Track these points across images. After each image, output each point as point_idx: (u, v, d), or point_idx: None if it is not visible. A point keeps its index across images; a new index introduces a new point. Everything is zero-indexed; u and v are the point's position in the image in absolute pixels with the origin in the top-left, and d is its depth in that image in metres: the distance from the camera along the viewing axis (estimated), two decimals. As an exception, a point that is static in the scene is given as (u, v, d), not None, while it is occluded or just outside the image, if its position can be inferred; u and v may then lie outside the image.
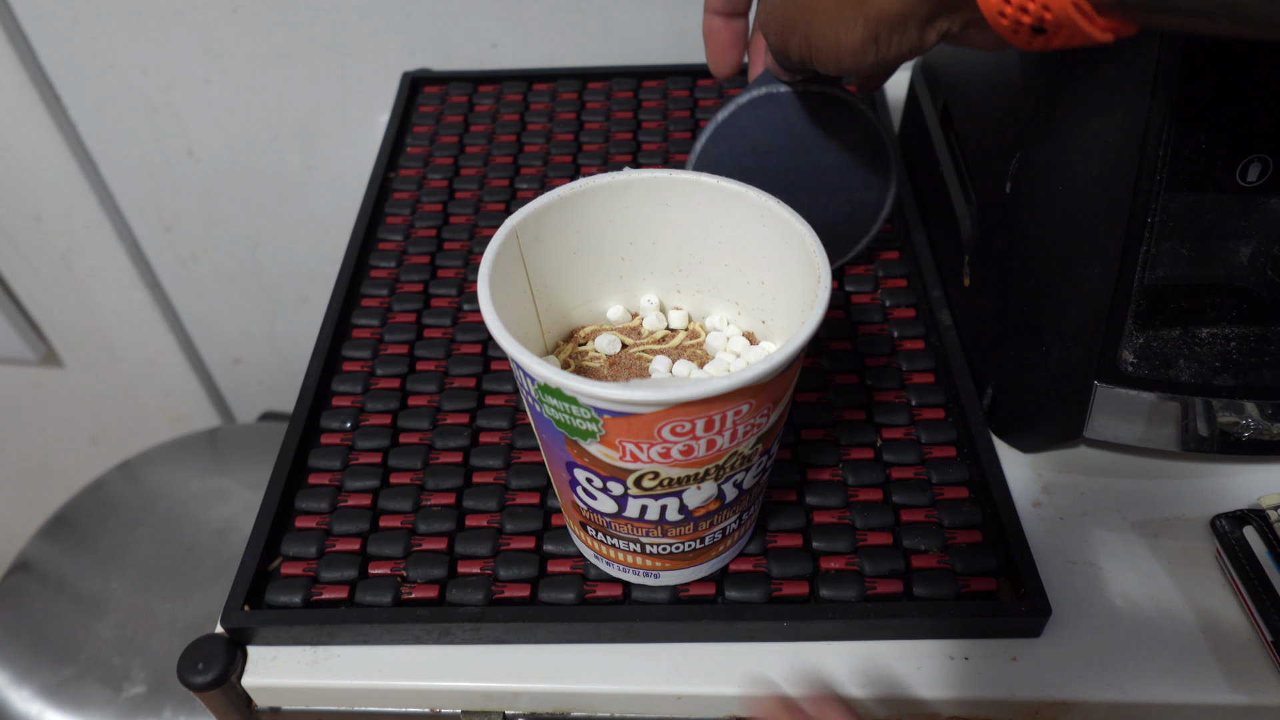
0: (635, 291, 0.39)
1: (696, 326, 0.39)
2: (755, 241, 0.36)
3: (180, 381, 1.12)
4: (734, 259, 0.37)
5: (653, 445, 0.30)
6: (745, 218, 0.35)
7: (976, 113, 0.48)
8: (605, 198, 0.36)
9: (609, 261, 0.38)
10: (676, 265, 0.38)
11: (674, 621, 0.40)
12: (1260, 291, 0.40)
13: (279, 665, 0.42)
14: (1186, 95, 0.36)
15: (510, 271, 0.35)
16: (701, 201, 0.36)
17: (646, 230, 0.37)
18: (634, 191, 0.36)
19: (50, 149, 0.88)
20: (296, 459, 0.46)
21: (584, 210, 0.36)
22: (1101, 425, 0.44)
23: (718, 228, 0.36)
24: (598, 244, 0.37)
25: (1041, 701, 0.39)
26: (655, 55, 0.80)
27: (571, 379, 0.29)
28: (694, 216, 0.36)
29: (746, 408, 0.30)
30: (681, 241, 0.37)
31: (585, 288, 0.38)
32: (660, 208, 0.36)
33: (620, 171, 0.36)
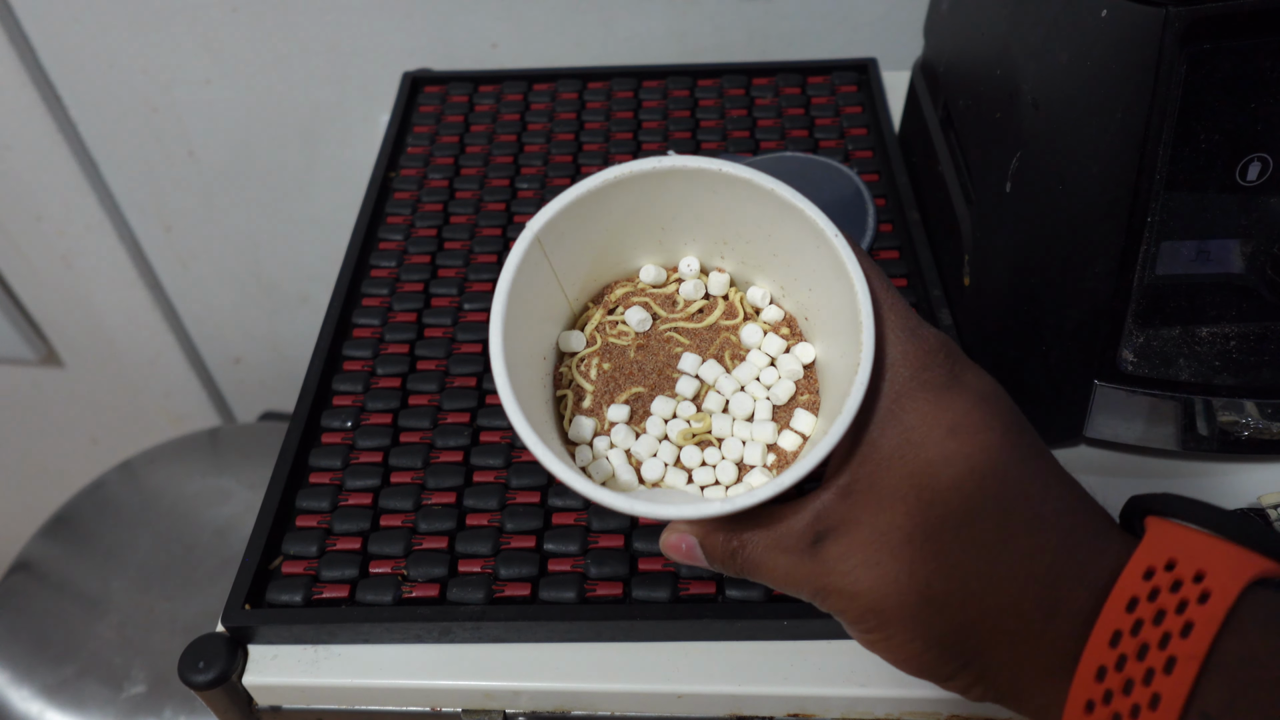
0: (675, 253, 0.36)
1: (736, 300, 0.35)
2: (807, 259, 0.32)
3: (180, 381, 1.12)
4: (781, 255, 0.34)
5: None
6: (799, 234, 0.32)
7: (976, 113, 0.48)
8: (643, 187, 0.33)
9: (647, 237, 0.35)
10: (722, 238, 0.35)
11: (674, 621, 0.40)
12: (1260, 291, 0.40)
13: (280, 664, 0.42)
14: (1186, 95, 0.36)
15: (533, 275, 0.33)
16: (752, 199, 0.32)
17: (689, 209, 0.34)
18: (674, 180, 0.33)
19: (50, 149, 0.88)
20: (297, 458, 0.47)
21: (618, 199, 0.33)
22: (1101, 424, 0.44)
23: (768, 228, 0.33)
24: (632, 229, 0.35)
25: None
26: (655, 55, 0.80)
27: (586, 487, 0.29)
28: (744, 211, 0.33)
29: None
30: (728, 223, 0.34)
31: (618, 255, 0.36)
32: (705, 194, 0.33)
33: (660, 160, 0.32)
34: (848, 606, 0.28)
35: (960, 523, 0.27)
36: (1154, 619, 0.25)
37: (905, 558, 0.27)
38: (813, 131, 0.61)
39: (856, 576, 0.28)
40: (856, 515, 0.28)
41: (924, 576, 0.27)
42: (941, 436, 0.27)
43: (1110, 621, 0.25)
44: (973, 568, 0.27)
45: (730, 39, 0.79)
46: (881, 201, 0.56)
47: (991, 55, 0.45)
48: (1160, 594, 0.25)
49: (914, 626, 0.27)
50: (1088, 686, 0.25)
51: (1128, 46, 0.36)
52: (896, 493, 0.27)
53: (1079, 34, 0.38)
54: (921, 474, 0.27)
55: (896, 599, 0.27)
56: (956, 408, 0.28)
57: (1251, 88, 0.36)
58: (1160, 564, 0.25)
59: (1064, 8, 0.39)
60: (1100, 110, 0.38)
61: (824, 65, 0.65)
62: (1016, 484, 0.27)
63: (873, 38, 0.78)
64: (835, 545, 0.28)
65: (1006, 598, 0.26)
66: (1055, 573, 0.26)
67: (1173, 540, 0.26)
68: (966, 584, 0.27)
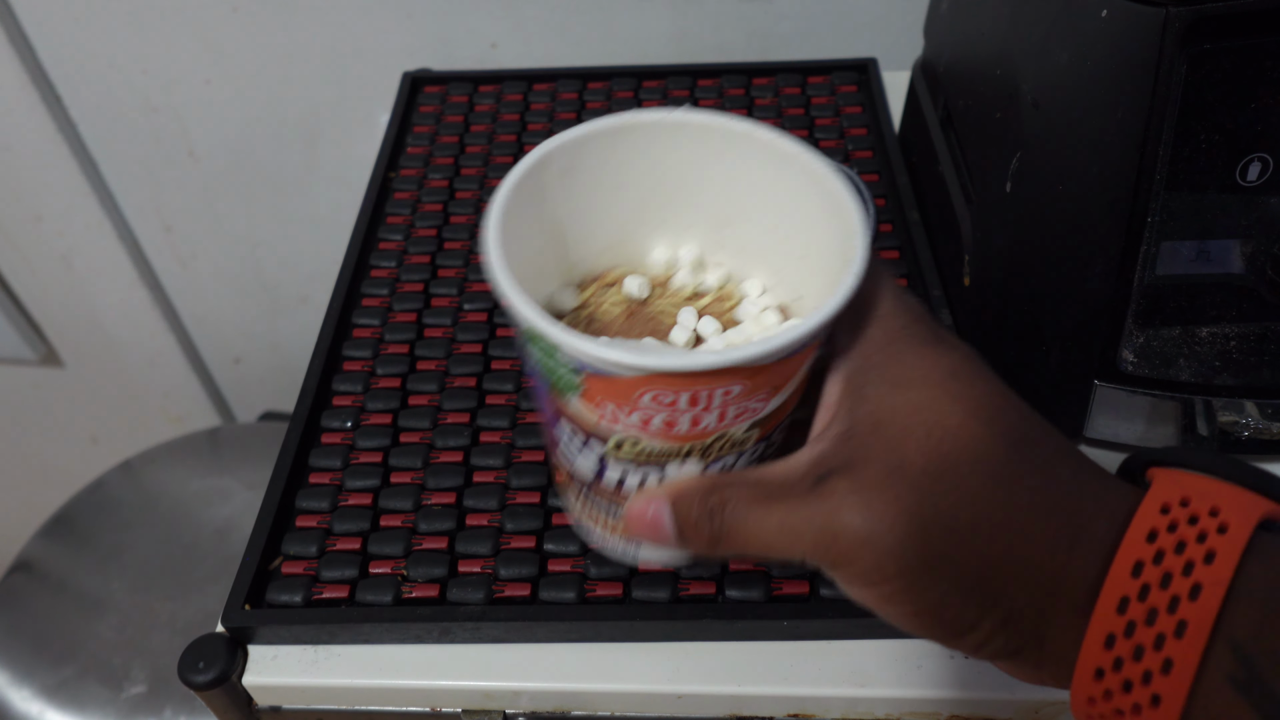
0: (676, 242, 0.36)
1: (730, 288, 0.36)
2: (801, 209, 0.32)
3: (180, 381, 1.12)
4: (780, 224, 0.34)
5: (632, 410, 0.28)
6: (795, 183, 0.32)
7: (976, 113, 0.48)
8: (655, 136, 0.33)
9: (650, 207, 0.35)
10: (719, 222, 0.35)
11: (674, 621, 0.40)
12: (1260, 291, 0.40)
13: (280, 664, 0.42)
14: (1186, 95, 0.36)
15: (530, 206, 0.32)
16: (754, 156, 0.32)
17: (694, 178, 0.34)
18: (684, 135, 0.33)
19: (50, 149, 0.88)
20: (297, 458, 0.47)
21: (629, 145, 0.33)
22: (1101, 425, 0.44)
23: (766, 187, 0.33)
24: (638, 184, 0.34)
25: (1042, 701, 0.39)
26: (655, 55, 0.80)
27: (553, 327, 0.27)
28: (746, 171, 0.33)
29: (738, 389, 0.28)
30: (729, 196, 0.34)
31: (623, 227, 0.35)
32: (711, 157, 0.33)
33: (673, 110, 0.32)
34: (861, 552, 0.25)
35: (975, 457, 0.26)
36: (1175, 548, 0.24)
37: (923, 491, 0.25)
38: (813, 131, 0.61)
39: (873, 513, 0.25)
40: (862, 454, 0.26)
41: (945, 510, 0.25)
42: (944, 378, 0.27)
43: (1131, 551, 0.24)
44: (993, 500, 0.25)
45: (730, 39, 0.79)
46: (881, 201, 0.56)
47: (991, 55, 0.45)
48: (1179, 525, 0.24)
49: (938, 568, 0.25)
50: (1109, 619, 0.24)
51: (1128, 46, 0.36)
52: (905, 429, 0.26)
53: (1079, 34, 0.38)
54: (928, 411, 0.26)
55: (918, 537, 0.25)
56: (951, 357, 0.27)
57: (1251, 88, 0.36)
58: (1175, 500, 0.25)
59: (1064, 8, 0.39)
60: (1100, 110, 0.38)
61: (824, 65, 0.65)
62: (1019, 429, 0.27)
63: (873, 38, 0.78)
64: (843, 482, 0.26)
65: (1029, 530, 0.25)
66: (1074, 503, 0.26)
67: (1182, 482, 0.26)
68: (989, 516, 0.25)
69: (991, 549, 0.25)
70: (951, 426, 0.26)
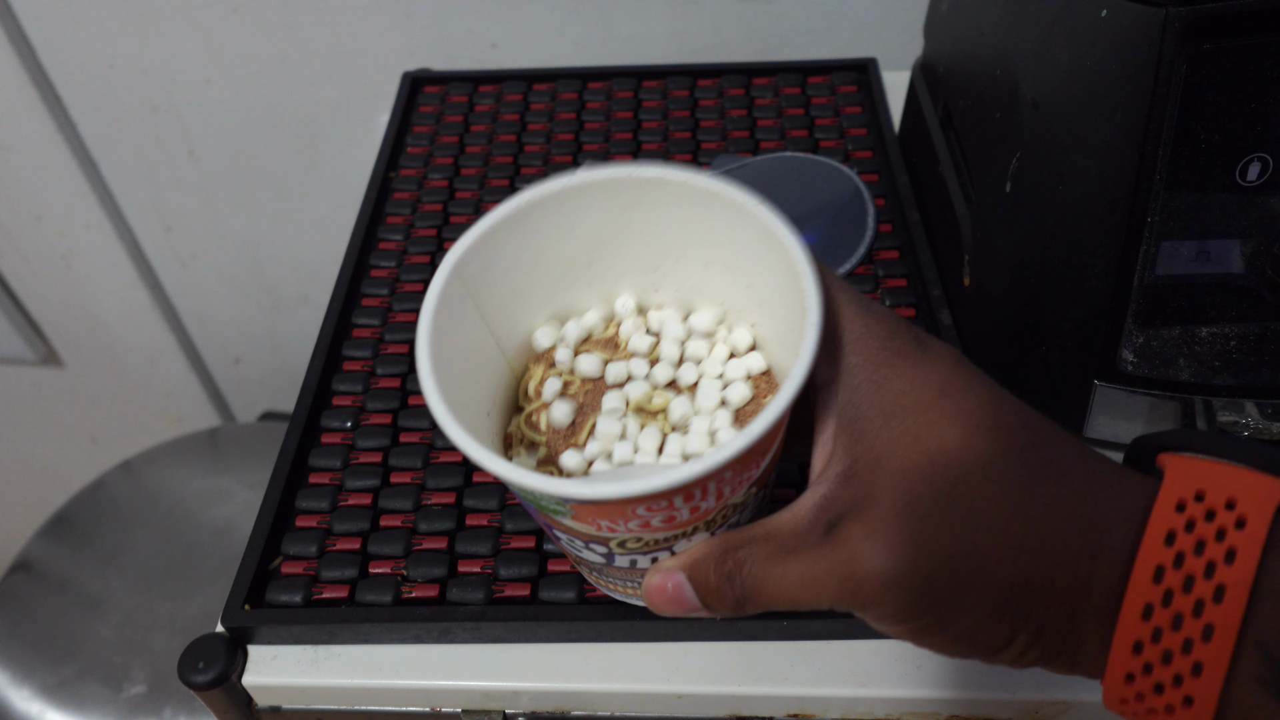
0: (608, 294, 0.35)
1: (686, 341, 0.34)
2: (736, 245, 0.31)
3: (180, 381, 1.12)
4: (715, 258, 0.32)
5: (629, 520, 0.27)
6: (721, 219, 0.31)
7: (976, 113, 0.48)
8: (560, 206, 0.31)
9: (574, 269, 0.33)
10: (651, 264, 0.33)
11: (674, 621, 0.40)
12: (1260, 291, 0.40)
13: (279, 664, 0.42)
14: (1186, 95, 0.36)
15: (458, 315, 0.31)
16: (672, 200, 0.31)
17: (613, 233, 0.32)
18: (593, 195, 0.31)
19: (50, 149, 0.88)
20: (297, 458, 0.47)
21: (537, 223, 0.31)
22: (1101, 425, 0.44)
23: (693, 227, 0.32)
24: (557, 256, 0.33)
25: (1041, 701, 0.39)
26: (655, 55, 0.80)
27: (531, 478, 0.26)
28: (667, 215, 0.32)
29: (730, 474, 0.27)
30: (655, 240, 0.33)
31: (550, 300, 0.34)
32: (626, 209, 0.32)
33: (574, 174, 0.31)
34: (889, 594, 0.25)
35: (983, 478, 0.25)
36: (1195, 549, 0.24)
37: (939, 522, 0.24)
38: (813, 131, 0.61)
39: (892, 555, 0.24)
40: (869, 493, 0.25)
41: (966, 538, 0.24)
42: (936, 396, 0.26)
43: (1151, 556, 0.24)
44: (1011, 520, 0.25)
45: (730, 39, 0.79)
46: (881, 201, 0.56)
47: (991, 55, 0.45)
48: (1196, 524, 0.24)
49: (967, 597, 0.25)
50: (1134, 627, 0.24)
51: (1128, 46, 0.36)
52: (906, 461, 0.25)
53: (1079, 34, 0.38)
54: (926, 437, 0.25)
55: (946, 567, 0.24)
56: (940, 369, 0.26)
57: (1251, 88, 0.36)
58: (1190, 495, 0.24)
59: (1064, 8, 0.39)
60: (1100, 110, 0.38)
61: (824, 65, 0.65)
62: (1022, 435, 0.26)
63: (873, 38, 0.78)
64: (856, 526, 0.25)
65: (1049, 546, 0.25)
66: (1091, 513, 0.25)
67: (1195, 472, 0.25)
68: (1009, 538, 0.25)
69: (1015, 570, 0.25)
70: (953, 450, 0.25)
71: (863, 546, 0.25)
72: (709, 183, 0.30)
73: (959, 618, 0.25)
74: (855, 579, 0.25)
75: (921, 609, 0.25)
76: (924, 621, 0.25)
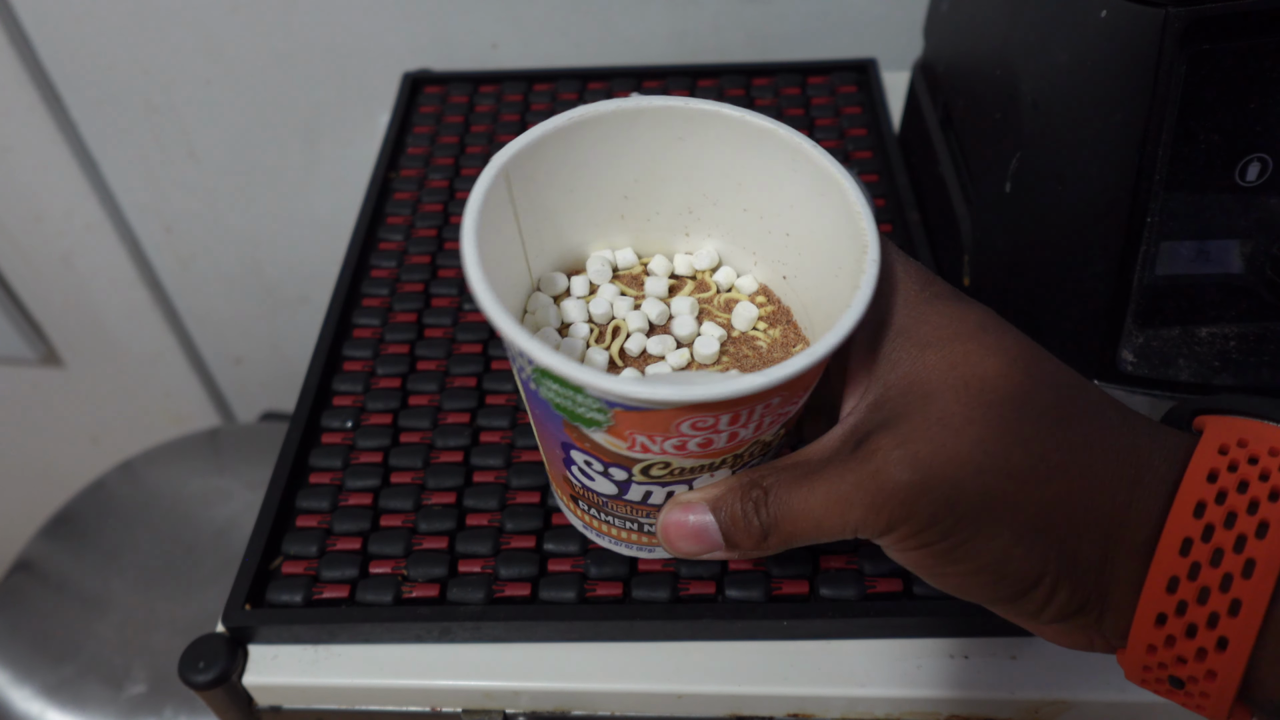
0: (639, 233, 0.34)
1: (705, 277, 0.34)
2: (783, 189, 0.30)
3: (180, 381, 1.12)
4: (755, 204, 0.32)
5: (668, 439, 0.27)
6: (773, 161, 0.30)
7: (976, 113, 0.48)
8: (610, 128, 0.31)
9: (609, 200, 0.33)
10: (687, 206, 0.33)
11: (674, 620, 0.40)
12: (1260, 291, 0.40)
13: (280, 664, 0.42)
14: (1186, 95, 0.36)
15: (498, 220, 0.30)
16: (722, 137, 0.30)
17: (655, 166, 0.32)
18: (644, 122, 0.31)
19: (50, 149, 0.88)
20: (297, 458, 0.47)
21: (585, 142, 0.31)
22: (1101, 425, 0.44)
23: (739, 169, 0.31)
24: (597, 180, 0.32)
25: (1041, 700, 0.39)
26: (655, 55, 0.80)
27: (580, 370, 0.25)
28: (712, 154, 0.31)
29: (778, 400, 0.26)
30: (694, 180, 0.32)
31: (582, 229, 0.34)
32: (673, 141, 0.31)
33: (629, 98, 0.30)
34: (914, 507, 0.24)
35: (1021, 403, 0.24)
36: (1238, 487, 0.23)
37: (973, 436, 0.24)
38: (813, 132, 0.61)
39: (920, 464, 0.23)
40: (902, 411, 0.25)
41: (1001, 453, 0.23)
42: (974, 330, 0.25)
43: (1193, 490, 0.23)
44: (1047, 441, 0.24)
45: (730, 39, 0.79)
46: (881, 202, 0.56)
47: (991, 55, 0.46)
48: (1240, 466, 0.23)
49: (997, 514, 0.23)
50: (1172, 561, 0.23)
51: (1128, 46, 0.36)
52: (942, 383, 0.24)
53: (1079, 34, 0.38)
54: (963, 365, 0.25)
55: (976, 481, 0.23)
56: (976, 311, 0.26)
57: (1251, 88, 0.36)
58: (1233, 441, 0.24)
59: (1064, 8, 0.39)
60: (1100, 110, 0.38)
61: (824, 65, 0.65)
62: (1059, 376, 0.26)
63: (873, 38, 0.78)
64: (886, 438, 0.24)
65: (1087, 469, 0.24)
66: (1129, 442, 0.24)
67: (1236, 426, 0.24)
68: (1046, 456, 0.24)
69: (1049, 490, 0.24)
70: (990, 376, 0.24)
71: (891, 456, 0.24)
72: (765, 121, 0.29)
73: (988, 539, 0.24)
74: (883, 492, 0.24)
75: (949, 527, 0.24)
76: (949, 542, 0.24)
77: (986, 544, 0.24)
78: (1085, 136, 0.39)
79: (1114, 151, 0.38)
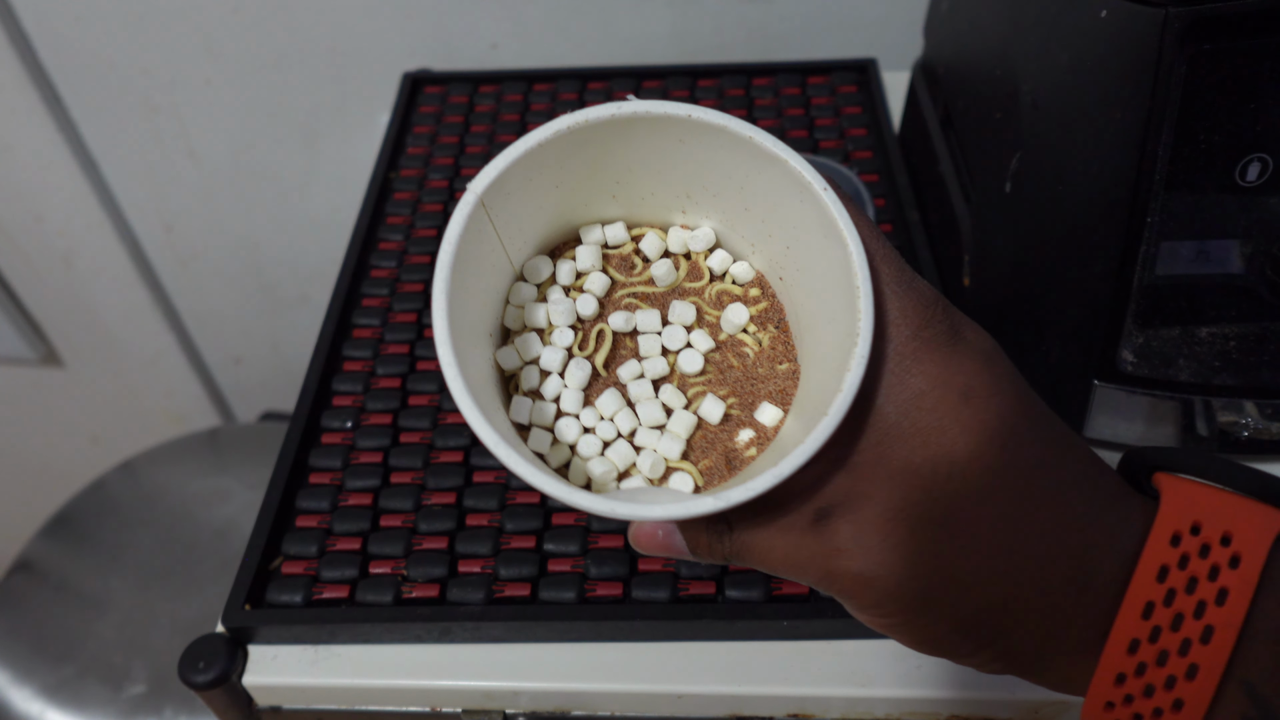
0: (631, 211, 0.32)
1: (699, 260, 0.32)
2: (789, 214, 0.29)
3: (180, 381, 1.12)
4: (757, 209, 0.30)
5: None
6: (779, 186, 0.28)
7: (976, 113, 0.48)
8: (599, 137, 0.29)
9: (601, 184, 0.31)
10: (685, 192, 0.31)
11: (674, 621, 0.40)
12: (1260, 291, 0.40)
13: (280, 664, 0.42)
14: (1186, 95, 0.36)
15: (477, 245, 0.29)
16: (726, 148, 0.29)
17: (652, 161, 0.30)
18: (639, 128, 0.29)
19: (50, 149, 0.88)
20: (297, 458, 0.47)
21: (570, 152, 0.29)
22: (1101, 424, 0.44)
23: (743, 178, 0.30)
24: (586, 182, 0.31)
25: (1041, 701, 0.39)
26: (655, 55, 0.80)
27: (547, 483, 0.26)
28: (716, 160, 0.29)
29: None
30: (695, 176, 0.30)
31: (569, 217, 0.32)
32: (673, 143, 0.29)
33: (623, 103, 0.28)
34: (862, 593, 0.25)
35: (981, 497, 0.25)
36: (1186, 587, 0.23)
37: (925, 537, 0.25)
38: (813, 132, 0.61)
39: (873, 559, 0.25)
40: (864, 490, 0.25)
41: (948, 557, 0.25)
42: (954, 403, 0.25)
43: (1142, 592, 0.24)
44: (998, 544, 0.25)
45: (730, 39, 0.79)
46: (881, 202, 0.56)
47: (991, 55, 0.45)
48: (1190, 560, 0.24)
49: (937, 610, 0.25)
50: (1119, 659, 0.24)
51: (1128, 46, 0.36)
52: (909, 466, 0.25)
53: (1079, 34, 0.38)
54: (935, 445, 0.25)
55: (918, 584, 0.25)
56: (966, 369, 0.26)
57: (1251, 88, 0.36)
58: (1186, 528, 0.24)
59: (1064, 8, 0.39)
60: (1100, 110, 0.38)
61: (824, 65, 0.65)
62: (1035, 452, 0.25)
63: (873, 38, 0.78)
64: (844, 524, 0.25)
65: (1035, 574, 0.25)
66: (1083, 544, 0.25)
67: (1192, 500, 0.25)
68: (992, 562, 0.25)
69: (992, 593, 0.25)
70: (959, 460, 0.25)
71: (847, 547, 0.25)
72: (774, 145, 0.28)
73: (927, 627, 0.26)
74: (834, 574, 0.26)
75: (890, 611, 0.26)
76: (892, 621, 0.26)
77: (926, 629, 0.26)
78: (1085, 136, 0.39)
79: (1114, 152, 0.38)
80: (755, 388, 0.30)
